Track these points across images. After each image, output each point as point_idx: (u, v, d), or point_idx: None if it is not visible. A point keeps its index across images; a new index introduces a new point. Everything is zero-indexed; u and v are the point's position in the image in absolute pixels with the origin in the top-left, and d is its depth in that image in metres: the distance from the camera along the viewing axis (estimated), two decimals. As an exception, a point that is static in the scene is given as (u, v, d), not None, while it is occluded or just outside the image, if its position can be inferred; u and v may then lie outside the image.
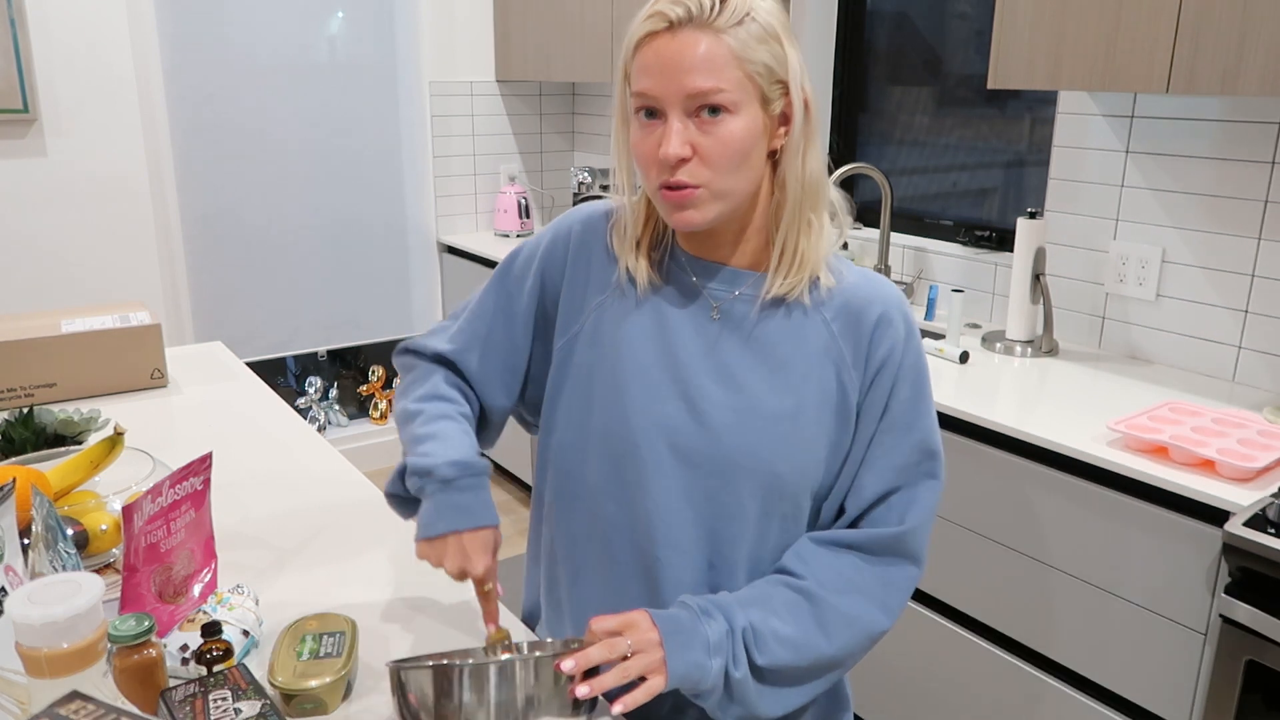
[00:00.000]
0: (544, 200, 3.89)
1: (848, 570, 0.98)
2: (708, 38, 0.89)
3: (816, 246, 0.98)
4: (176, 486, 1.01)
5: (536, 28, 3.37)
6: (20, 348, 1.73)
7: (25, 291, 2.93)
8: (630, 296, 1.04)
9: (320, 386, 3.79)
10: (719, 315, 1.01)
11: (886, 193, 2.55)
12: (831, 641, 0.96)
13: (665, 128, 0.92)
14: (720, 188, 0.93)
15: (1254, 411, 1.77)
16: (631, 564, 1.03)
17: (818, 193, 0.98)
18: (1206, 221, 1.96)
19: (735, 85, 0.90)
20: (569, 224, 1.09)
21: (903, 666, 2.01)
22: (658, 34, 0.90)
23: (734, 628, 0.93)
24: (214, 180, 3.22)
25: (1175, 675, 1.56)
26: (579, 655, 0.86)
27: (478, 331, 1.11)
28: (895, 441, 0.99)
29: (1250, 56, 1.54)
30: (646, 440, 1.00)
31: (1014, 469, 1.74)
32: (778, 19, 0.92)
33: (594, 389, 1.03)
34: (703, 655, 0.90)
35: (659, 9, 0.91)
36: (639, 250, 1.03)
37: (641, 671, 0.88)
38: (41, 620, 0.69)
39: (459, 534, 0.98)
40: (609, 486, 1.03)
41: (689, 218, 0.94)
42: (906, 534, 0.99)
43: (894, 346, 0.99)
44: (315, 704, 0.93)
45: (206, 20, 3.09)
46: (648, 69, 0.91)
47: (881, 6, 2.75)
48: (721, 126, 0.91)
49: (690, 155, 0.92)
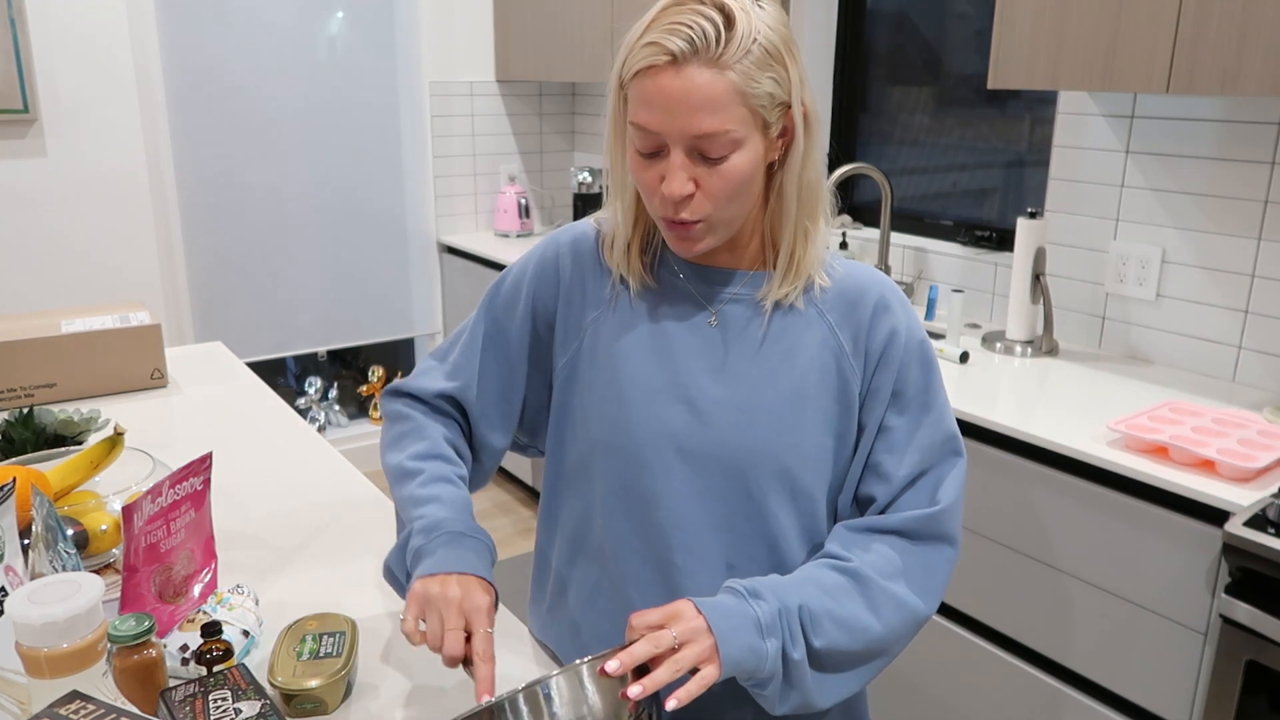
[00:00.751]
0: (544, 200, 3.89)
1: (890, 553, 0.97)
2: (711, 74, 0.86)
3: (813, 252, 0.98)
4: (176, 487, 1.01)
5: (536, 28, 3.37)
6: (20, 348, 1.73)
7: (25, 291, 2.93)
8: (624, 307, 1.03)
9: (320, 387, 3.80)
10: (716, 320, 1.00)
11: (886, 193, 2.55)
12: (883, 623, 0.94)
13: (667, 163, 0.90)
14: (722, 218, 0.93)
15: (1254, 411, 1.77)
16: (649, 576, 1.02)
17: (815, 200, 0.97)
18: (1206, 221, 1.96)
19: (739, 122, 0.88)
20: (557, 246, 1.08)
21: (900, 666, 2.01)
22: (659, 68, 0.87)
23: (787, 606, 0.89)
24: (214, 180, 3.22)
25: (1175, 675, 1.56)
26: (624, 654, 0.81)
27: (472, 366, 1.09)
28: (915, 423, 0.99)
29: (1250, 56, 1.54)
30: (653, 449, 0.99)
31: (1014, 469, 1.74)
32: (780, 35, 0.89)
33: (597, 405, 1.02)
34: (755, 638, 0.86)
35: (658, 39, 0.86)
36: (630, 253, 1.03)
37: (694, 662, 0.82)
38: (41, 620, 0.69)
39: (462, 575, 0.92)
40: (620, 501, 1.02)
41: (691, 248, 0.95)
42: (942, 513, 0.98)
43: (894, 330, 0.99)
44: (315, 704, 0.93)
45: (206, 21, 3.09)
46: (649, 103, 0.88)
47: (881, 6, 2.75)
48: (725, 163, 0.89)
49: (693, 191, 0.91)
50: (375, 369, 3.87)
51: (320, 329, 3.56)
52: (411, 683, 1.00)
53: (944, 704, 1.95)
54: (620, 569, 1.03)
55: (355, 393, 3.91)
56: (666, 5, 0.89)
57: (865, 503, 1.01)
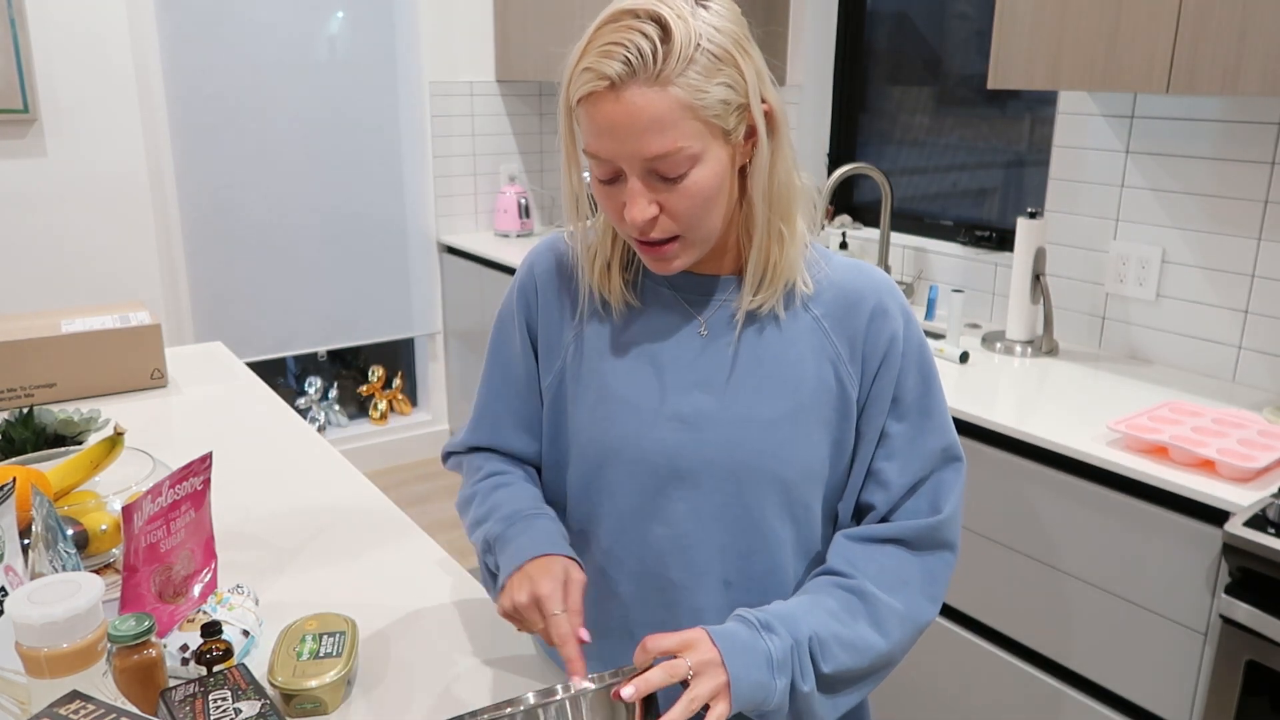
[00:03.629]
0: (544, 200, 3.89)
1: (893, 564, 0.96)
2: (653, 94, 0.81)
3: (789, 256, 0.94)
4: (176, 486, 1.01)
5: (536, 28, 3.36)
6: (20, 348, 1.73)
7: (25, 291, 2.93)
8: (608, 322, 1.01)
9: (320, 386, 3.80)
10: (706, 330, 0.98)
11: (886, 193, 2.55)
12: (887, 638, 0.94)
13: (626, 189, 0.87)
14: (696, 235, 0.90)
15: (1254, 411, 1.77)
16: (646, 594, 1.01)
17: (788, 202, 0.93)
18: (1206, 222, 1.96)
19: (693, 136, 0.84)
20: (529, 265, 1.06)
21: (901, 666, 2.00)
22: (600, 94, 0.83)
23: (799, 640, 0.88)
24: (214, 180, 3.22)
25: (1175, 675, 1.56)
26: (639, 680, 0.79)
27: (491, 415, 1.09)
28: (915, 430, 0.97)
29: (1250, 56, 1.54)
30: (647, 468, 0.97)
31: (1014, 469, 1.74)
32: (729, 35, 0.84)
33: (587, 425, 1.00)
34: (766, 674, 0.85)
35: (593, 64, 0.83)
36: (610, 273, 1.00)
37: (708, 699, 0.81)
38: (41, 620, 0.69)
39: (521, 567, 0.93)
40: (616, 520, 1.00)
41: (669, 267, 0.93)
42: (943, 522, 0.97)
43: (894, 336, 0.96)
44: (315, 704, 0.93)
45: (207, 21, 3.09)
46: (595, 130, 0.85)
47: (881, 6, 2.75)
48: (685, 180, 0.86)
49: (658, 213, 0.88)
50: (375, 369, 3.87)
51: (320, 329, 3.56)
52: (412, 683, 1.00)
53: (944, 704, 1.95)
54: (618, 587, 1.02)
55: (355, 393, 3.91)
56: (601, 23, 0.85)
57: (864, 509, 1.00)
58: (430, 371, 3.92)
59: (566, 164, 0.93)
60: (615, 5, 0.85)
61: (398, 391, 3.91)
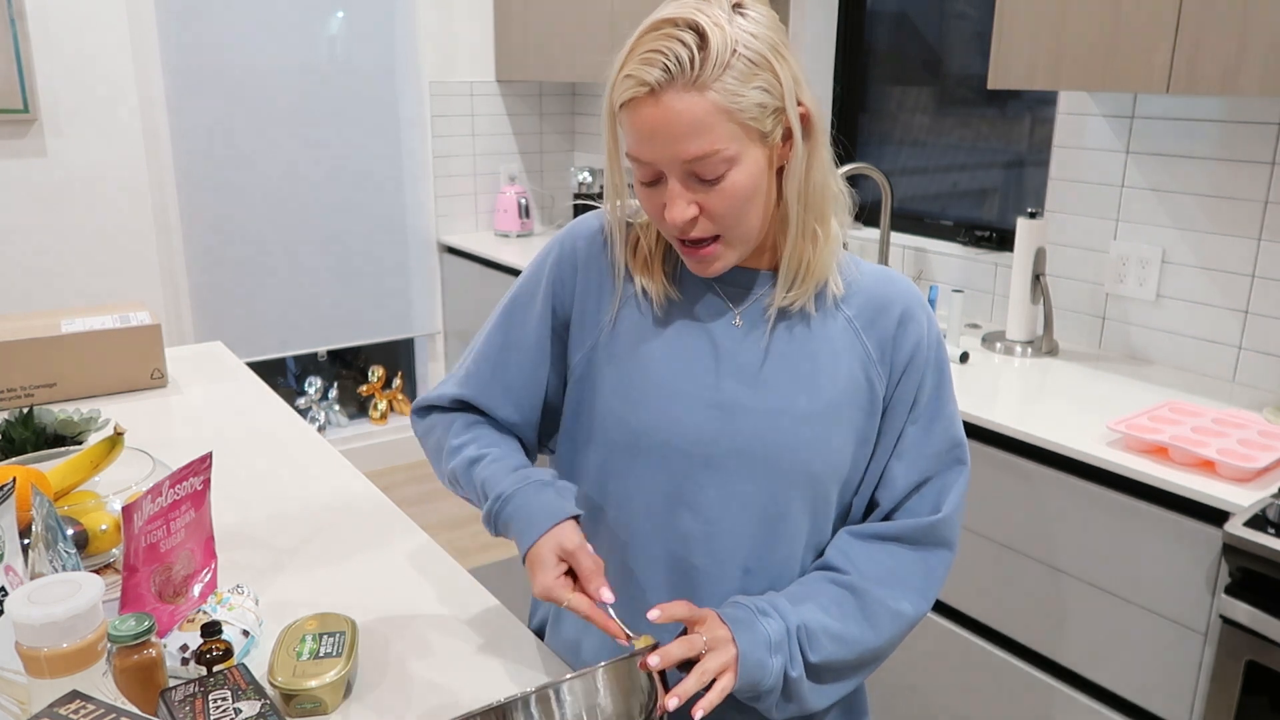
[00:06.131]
0: (544, 200, 3.89)
1: (889, 561, 0.99)
2: (692, 98, 0.85)
3: (823, 256, 0.96)
4: (176, 486, 1.01)
5: (536, 28, 3.37)
6: (20, 348, 1.73)
7: (25, 291, 2.93)
8: (647, 309, 1.02)
9: (320, 386, 3.80)
10: (741, 321, 1.00)
11: (886, 193, 2.56)
12: (878, 634, 0.97)
13: (667, 190, 0.90)
14: (734, 235, 0.93)
15: (1254, 411, 1.77)
16: (665, 577, 1.02)
17: (823, 203, 0.95)
18: (1207, 222, 1.96)
19: (730, 139, 0.87)
20: (572, 241, 1.06)
21: (900, 666, 2.01)
22: (640, 99, 0.86)
23: (790, 625, 0.93)
24: (214, 180, 3.22)
25: (1175, 675, 1.56)
26: (662, 651, 0.85)
27: (486, 372, 1.08)
28: (923, 432, 1.00)
29: (1250, 56, 1.54)
30: (680, 453, 0.98)
31: (1014, 469, 1.74)
32: (765, 40, 0.87)
33: (619, 407, 1.01)
34: (765, 654, 0.90)
35: (634, 71, 0.86)
36: (653, 266, 1.02)
37: (717, 672, 0.87)
38: (41, 620, 0.69)
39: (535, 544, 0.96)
40: (642, 503, 1.01)
41: (710, 269, 0.95)
42: (943, 521, 1.00)
43: (919, 342, 0.99)
44: (315, 704, 0.93)
45: (207, 21, 3.09)
46: (637, 135, 0.88)
47: (881, 6, 2.75)
48: (724, 181, 0.89)
49: (697, 214, 0.91)
50: (375, 369, 3.87)
51: (320, 329, 3.56)
52: (411, 683, 1.00)
53: (944, 703, 1.95)
54: (636, 570, 1.03)
55: (355, 393, 3.91)
56: (643, 31, 0.87)
57: (869, 506, 1.03)
58: (430, 371, 3.92)
59: (610, 163, 0.96)
60: (656, 14, 0.88)
61: (398, 391, 3.91)
